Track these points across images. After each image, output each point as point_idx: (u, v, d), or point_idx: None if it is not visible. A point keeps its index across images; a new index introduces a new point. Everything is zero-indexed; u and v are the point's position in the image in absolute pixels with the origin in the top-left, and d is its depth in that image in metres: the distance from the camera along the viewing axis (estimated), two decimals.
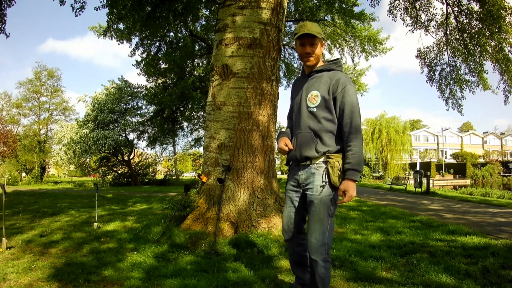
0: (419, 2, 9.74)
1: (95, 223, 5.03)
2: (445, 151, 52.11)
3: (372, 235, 4.32)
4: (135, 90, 21.40)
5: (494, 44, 8.86)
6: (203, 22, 15.07)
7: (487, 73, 9.73)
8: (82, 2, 6.85)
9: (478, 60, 9.48)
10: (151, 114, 20.45)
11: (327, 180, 1.93)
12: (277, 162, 36.97)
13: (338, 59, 2.10)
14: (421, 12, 9.85)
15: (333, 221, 1.99)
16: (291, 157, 2.10)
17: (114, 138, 20.45)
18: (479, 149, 54.79)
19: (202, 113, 19.03)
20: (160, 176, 29.45)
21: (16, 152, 30.30)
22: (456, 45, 9.82)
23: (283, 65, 16.34)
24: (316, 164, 1.97)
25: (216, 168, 4.32)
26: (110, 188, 19.49)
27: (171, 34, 14.29)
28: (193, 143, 24.04)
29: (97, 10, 7.55)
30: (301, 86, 2.10)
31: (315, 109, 1.96)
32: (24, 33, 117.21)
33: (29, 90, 33.14)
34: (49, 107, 34.38)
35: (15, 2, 7.30)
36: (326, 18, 14.09)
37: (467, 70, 9.97)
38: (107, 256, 3.36)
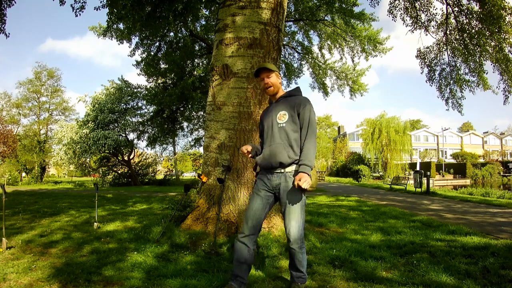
0: (419, 2, 9.73)
1: (95, 223, 5.03)
2: (445, 151, 52.08)
3: (372, 235, 4.32)
4: (135, 90, 21.39)
5: (494, 44, 8.84)
6: (203, 22, 15.05)
7: (487, 73, 9.71)
8: (82, 2, 6.83)
9: (478, 60, 9.46)
10: (151, 114, 20.44)
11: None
12: None
13: (298, 87, 2.59)
14: (421, 12, 9.84)
15: (304, 216, 2.40)
16: (264, 165, 2.42)
17: (114, 138, 20.45)
18: (479, 149, 54.75)
19: (202, 113, 19.02)
20: (160, 176, 29.40)
21: (16, 152, 30.26)
22: (456, 45, 9.80)
23: (283, 65, 16.33)
24: (289, 172, 2.36)
25: (216, 168, 4.33)
26: (110, 188, 19.48)
27: (171, 34, 14.27)
28: (193, 143, 24.09)
29: (97, 10, 7.56)
30: (270, 111, 2.54)
31: (284, 124, 2.39)
32: (24, 33, 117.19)
33: (29, 90, 33.12)
34: (49, 107, 34.39)
35: (15, 2, 7.30)
36: (326, 18, 14.07)
37: (467, 70, 9.94)
38: (107, 256, 3.37)
